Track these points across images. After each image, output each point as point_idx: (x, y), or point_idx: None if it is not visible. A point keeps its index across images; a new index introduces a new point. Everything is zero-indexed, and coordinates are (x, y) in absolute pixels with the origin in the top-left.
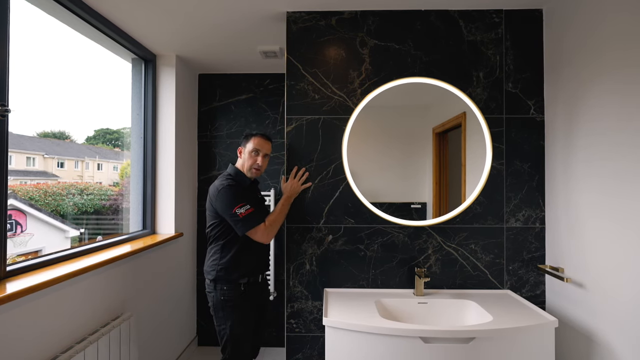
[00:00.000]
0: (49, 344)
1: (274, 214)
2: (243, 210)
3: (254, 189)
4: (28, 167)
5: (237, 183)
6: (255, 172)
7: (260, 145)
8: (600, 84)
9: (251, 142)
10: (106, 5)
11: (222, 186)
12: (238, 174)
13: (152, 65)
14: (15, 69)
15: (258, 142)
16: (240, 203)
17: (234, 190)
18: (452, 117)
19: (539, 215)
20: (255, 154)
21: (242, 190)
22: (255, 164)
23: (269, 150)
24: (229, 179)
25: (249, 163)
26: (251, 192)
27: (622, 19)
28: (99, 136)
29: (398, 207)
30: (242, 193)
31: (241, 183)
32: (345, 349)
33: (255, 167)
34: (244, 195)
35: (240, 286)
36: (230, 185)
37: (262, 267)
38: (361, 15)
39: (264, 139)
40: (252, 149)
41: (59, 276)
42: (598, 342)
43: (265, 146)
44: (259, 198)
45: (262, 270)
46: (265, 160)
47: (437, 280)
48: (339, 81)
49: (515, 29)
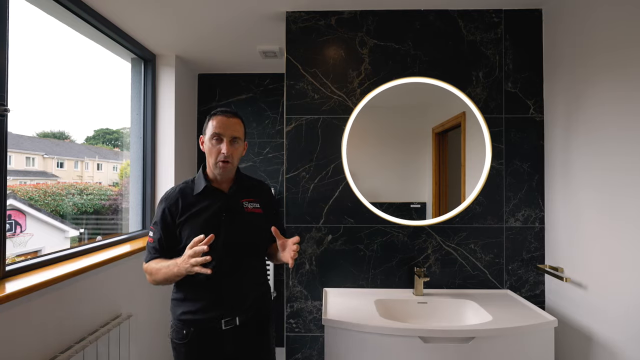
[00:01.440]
0: (48, 344)
1: (156, 267)
2: (150, 235)
3: (216, 196)
4: (28, 167)
5: (175, 194)
6: (223, 167)
7: (222, 125)
8: (600, 84)
9: (209, 126)
10: (106, 5)
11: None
12: (199, 178)
13: (152, 65)
14: (14, 69)
15: (218, 123)
16: (152, 225)
17: (161, 205)
18: (452, 117)
19: (538, 215)
20: (216, 141)
21: (183, 204)
22: (219, 155)
23: (239, 131)
24: (172, 189)
25: (212, 156)
26: (212, 201)
27: (621, 19)
28: (99, 136)
29: (398, 207)
30: (171, 209)
31: (186, 193)
32: (344, 349)
33: (221, 159)
34: (182, 209)
35: (182, 329)
36: (162, 199)
37: (233, 306)
38: (361, 15)
39: (226, 115)
40: (212, 134)
41: (59, 276)
42: (597, 342)
43: (230, 127)
44: (223, 211)
45: (234, 310)
46: (237, 148)
47: (436, 280)
48: (338, 81)
49: (514, 28)
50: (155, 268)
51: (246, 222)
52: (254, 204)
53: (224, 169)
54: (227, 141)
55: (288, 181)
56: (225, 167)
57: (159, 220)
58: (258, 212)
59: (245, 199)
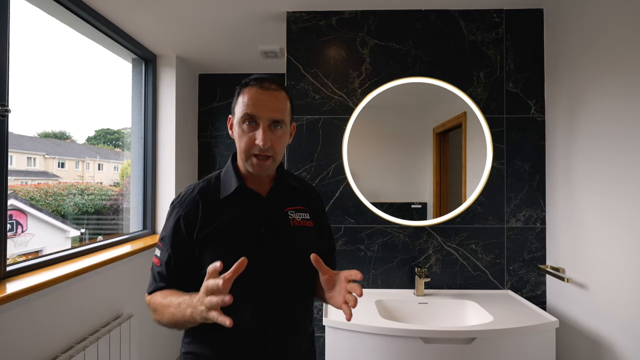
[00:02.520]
0: (49, 344)
1: (162, 303)
2: (156, 255)
3: (251, 201)
4: (29, 167)
5: (193, 197)
6: (259, 164)
7: (257, 102)
8: (601, 84)
9: (239, 102)
10: (107, 6)
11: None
12: (227, 174)
13: (153, 65)
14: (15, 69)
15: (252, 99)
16: (160, 241)
17: (173, 213)
18: (453, 117)
19: (539, 215)
20: (249, 126)
21: (206, 211)
22: (253, 146)
23: (282, 110)
24: (189, 189)
25: (242, 147)
26: (245, 208)
27: (622, 19)
28: (100, 136)
29: (398, 207)
30: (188, 217)
31: (209, 195)
32: (345, 349)
33: (255, 151)
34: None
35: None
36: (176, 203)
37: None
38: (361, 15)
39: (262, 87)
40: (242, 116)
41: (59, 276)
42: (599, 342)
43: (269, 104)
44: (262, 225)
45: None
46: (280, 136)
47: (437, 280)
48: (339, 81)
49: (515, 28)
50: (160, 304)
51: (294, 241)
52: (302, 214)
53: (261, 167)
54: (265, 126)
55: None
56: (262, 165)
57: (169, 235)
58: (308, 225)
59: (290, 207)
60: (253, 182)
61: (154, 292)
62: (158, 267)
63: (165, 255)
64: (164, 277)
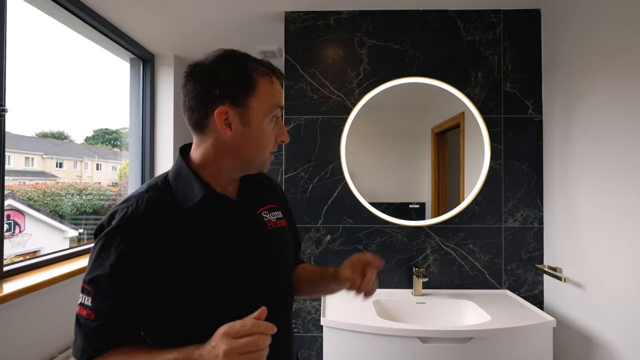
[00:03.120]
0: (47, 344)
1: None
2: (84, 305)
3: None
4: (27, 167)
5: (141, 216)
6: (270, 161)
7: (281, 94)
8: (599, 84)
9: (262, 89)
10: (104, 5)
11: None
12: (181, 177)
13: (151, 65)
14: (13, 69)
15: (279, 89)
16: (87, 284)
17: (113, 245)
18: (451, 117)
19: (537, 215)
20: (277, 121)
21: (164, 232)
22: (275, 143)
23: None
24: (128, 205)
25: (269, 143)
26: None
27: (620, 19)
28: (98, 136)
29: (396, 207)
30: (138, 248)
31: (164, 210)
32: (343, 349)
33: (274, 150)
34: (163, 245)
35: None
36: (112, 229)
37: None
38: (359, 15)
39: (280, 79)
40: (273, 106)
41: (57, 276)
42: (596, 342)
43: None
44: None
45: None
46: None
47: (435, 280)
48: (337, 81)
49: (513, 29)
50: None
51: (276, 248)
52: (275, 213)
53: (265, 166)
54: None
55: (287, 181)
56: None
57: (108, 275)
58: (283, 225)
59: (262, 207)
60: (220, 184)
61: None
62: (93, 321)
63: (104, 302)
64: (106, 334)
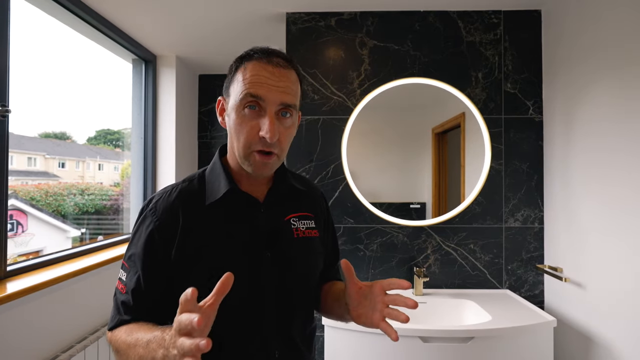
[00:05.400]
0: (50, 343)
1: (127, 341)
2: (121, 279)
3: (247, 208)
4: (29, 167)
5: (171, 202)
6: (262, 162)
7: (264, 80)
8: (599, 84)
9: (237, 78)
10: (106, 6)
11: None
12: (213, 173)
13: (152, 65)
14: (16, 70)
15: (257, 75)
16: (126, 261)
17: (144, 224)
18: (451, 117)
19: (537, 215)
20: (251, 111)
21: (187, 221)
22: (256, 140)
23: (293, 93)
24: (164, 192)
25: (242, 139)
26: (239, 218)
27: (620, 19)
28: (100, 137)
29: (397, 207)
30: (163, 230)
31: (191, 200)
32: (344, 349)
33: (257, 148)
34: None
35: None
36: (147, 211)
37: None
38: (360, 16)
39: (271, 62)
40: (243, 96)
41: (60, 276)
42: (596, 342)
43: (279, 85)
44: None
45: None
46: (289, 127)
47: (436, 280)
48: (338, 82)
49: (514, 29)
50: (125, 343)
51: (300, 257)
52: (306, 221)
53: (264, 166)
54: (273, 113)
55: None
56: (265, 163)
57: (140, 253)
58: (314, 235)
59: (293, 214)
60: (247, 183)
61: (117, 327)
62: (123, 295)
63: (132, 279)
64: (129, 308)
